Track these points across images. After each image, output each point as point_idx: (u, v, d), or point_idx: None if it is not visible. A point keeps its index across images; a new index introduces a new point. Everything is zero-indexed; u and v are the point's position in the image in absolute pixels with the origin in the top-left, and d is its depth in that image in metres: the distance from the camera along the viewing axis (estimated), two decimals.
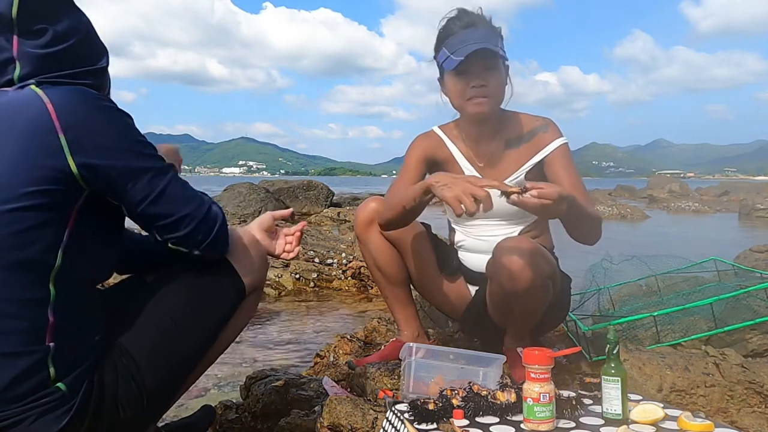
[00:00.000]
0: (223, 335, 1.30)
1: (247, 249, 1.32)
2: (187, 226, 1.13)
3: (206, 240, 1.17)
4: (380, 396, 1.57)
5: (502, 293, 1.64)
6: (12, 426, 0.96)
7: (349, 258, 4.36)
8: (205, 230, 1.16)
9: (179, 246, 1.16)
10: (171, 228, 1.13)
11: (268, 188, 10.14)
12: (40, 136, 0.97)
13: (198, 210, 1.15)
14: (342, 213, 8.97)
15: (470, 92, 1.75)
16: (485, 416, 1.23)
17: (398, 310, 1.99)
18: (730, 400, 1.60)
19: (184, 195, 1.14)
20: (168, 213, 1.11)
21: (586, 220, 1.65)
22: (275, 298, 3.83)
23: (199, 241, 1.16)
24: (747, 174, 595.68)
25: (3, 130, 0.99)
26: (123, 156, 1.04)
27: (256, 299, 1.40)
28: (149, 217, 1.11)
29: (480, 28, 1.74)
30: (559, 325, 2.22)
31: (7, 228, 0.95)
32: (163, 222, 1.12)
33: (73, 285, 1.03)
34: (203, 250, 1.17)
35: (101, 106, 1.04)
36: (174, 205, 1.12)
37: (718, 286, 2.58)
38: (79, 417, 1.00)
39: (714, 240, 7.63)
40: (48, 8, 1.06)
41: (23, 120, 0.98)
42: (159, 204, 1.10)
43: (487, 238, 1.90)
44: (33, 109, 0.99)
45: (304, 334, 2.92)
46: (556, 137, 1.84)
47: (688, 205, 14.62)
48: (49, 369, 0.98)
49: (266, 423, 1.70)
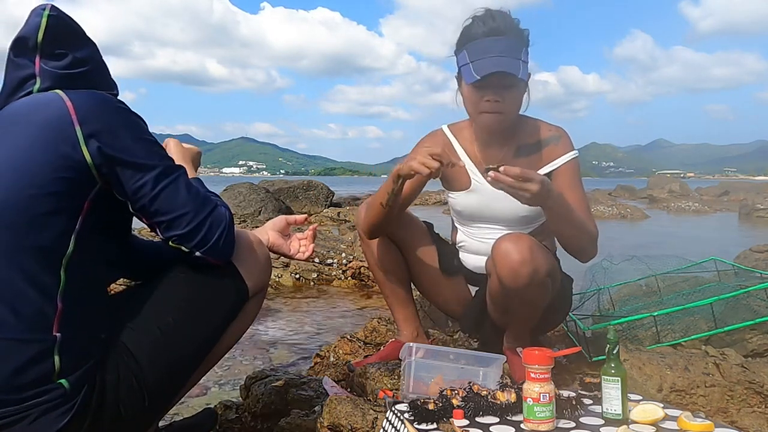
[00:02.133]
0: (225, 337, 1.30)
1: (252, 251, 1.31)
2: (187, 224, 1.13)
3: (207, 241, 1.16)
4: (380, 396, 1.57)
5: (502, 289, 1.64)
6: (13, 424, 0.96)
7: (349, 258, 4.36)
8: (206, 231, 1.15)
9: (179, 245, 1.16)
10: (170, 225, 1.13)
11: (268, 188, 10.14)
12: (58, 126, 1.04)
13: (200, 209, 1.15)
14: (342, 213, 8.97)
15: (484, 106, 1.71)
16: (485, 416, 1.23)
17: (398, 309, 1.99)
18: (730, 400, 1.60)
19: (187, 194, 1.14)
20: (167, 210, 1.12)
21: (575, 226, 1.64)
22: (275, 297, 3.84)
23: (199, 241, 1.15)
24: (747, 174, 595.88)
25: (23, 121, 1.06)
26: (132, 152, 1.09)
27: (258, 302, 1.39)
28: (151, 214, 1.12)
29: (503, 39, 1.67)
30: (559, 324, 2.22)
31: (25, 212, 1.00)
32: (162, 218, 1.13)
33: (84, 275, 1.05)
34: (204, 252, 1.17)
35: (117, 108, 1.12)
36: (175, 202, 1.13)
37: (718, 286, 2.57)
38: (80, 416, 1.01)
39: (714, 240, 7.63)
40: (70, 37, 1.17)
41: (43, 113, 1.06)
42: (159, 200, 1.11)
43: (488, 241, 1.90)
44: (53, 105, 1.06)
45: (304, 334, 2.92)
46: (567, 150, 1.82)
47: (688, 205, 14.61)
48: (54, 360, 0.99)
49: (266, 423, 1.70)
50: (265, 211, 8.63)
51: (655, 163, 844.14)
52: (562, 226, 1.66)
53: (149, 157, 1.11)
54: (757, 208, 11.96)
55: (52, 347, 0.99)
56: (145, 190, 1.10)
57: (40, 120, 1.05)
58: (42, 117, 1.05)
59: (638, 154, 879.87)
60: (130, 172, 1.08)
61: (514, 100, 1.74)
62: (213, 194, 1.25)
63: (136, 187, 1.09)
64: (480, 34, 1.69)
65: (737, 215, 12.45)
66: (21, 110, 1.09)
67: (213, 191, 1.26)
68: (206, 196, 1.20)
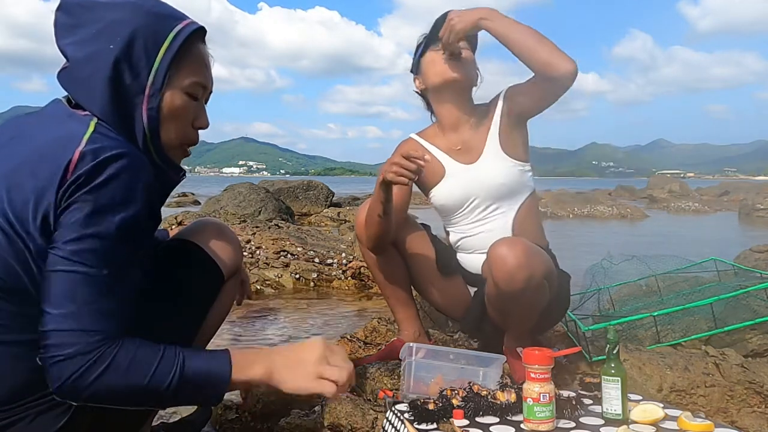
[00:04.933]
0: (208, 319, 1.31)
1: (219, 234, 1.32)
2: (42, 325, 0.88)
3: (44, 360, 0.88)
4: (380, 396, 1.57)
5: (499, 294, 1.64)
6: (9, 426, 0.95)
7: (349, 258, 4.36)
8: (51, 350, 0.87)
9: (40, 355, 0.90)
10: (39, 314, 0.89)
11: (268, 188, 10.14)
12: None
13: (66, 321, 0.87)
14: (342, 213, 8.98)
15: (445, 59, 1.86)
16: (485, 416, 1.23)
17: (399, 310, 1.99)
18: (730, 400, 1.60)
19: (71, 296, 0.88)
20: (43, 296, 0.89)
21: (529, 34, 1.73)
22: (275, 297, 3.84)
23: (42, 350, 0.88)
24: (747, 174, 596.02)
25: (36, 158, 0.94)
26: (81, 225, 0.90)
27: (235, 282, 1.41)
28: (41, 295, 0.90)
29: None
30: (558, 322, 2.22)
31: None
32: (39, 303, 0.90)
33: None
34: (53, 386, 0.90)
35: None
36: (51, 294, 0.88)
37: (718, 286, 2.58)
38: (80, 413, 1.00)
39: (714, 240, 7.63)
40: None
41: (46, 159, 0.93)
42: (45, 281, 0.89)
43: (480, 232, 1.90)
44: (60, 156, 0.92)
45: (304, 334, 2.92)
46: (499, 93, 1.95)
47: (688, 205, 14.62)
48: None
49: (266, 423, 1.70)
50: (265, 211, 8.63)
51: (655, 163, 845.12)
52: (518, 38, 1.74)
53: (81, 236, 0.89)
54: (757, 208, 11.96)
55: None
56: (48, 263, 0.90)
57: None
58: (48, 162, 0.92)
59: (638, 154, 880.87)
60: (58, 233, 0.90)
61: (472, 60, 1.92)
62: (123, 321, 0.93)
63: (50, 254, 0.90)
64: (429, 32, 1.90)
65: (737, 215, 12.45)
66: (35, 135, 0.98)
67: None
68: (104, 317, 0.90)
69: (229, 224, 3.41)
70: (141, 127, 1.05)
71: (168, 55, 1.05)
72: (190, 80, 1.09)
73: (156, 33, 1.04)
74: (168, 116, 1.08)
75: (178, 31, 1.06)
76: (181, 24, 1.07)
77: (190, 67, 1.09)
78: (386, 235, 1.83)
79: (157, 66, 1.04)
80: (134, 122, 1.05)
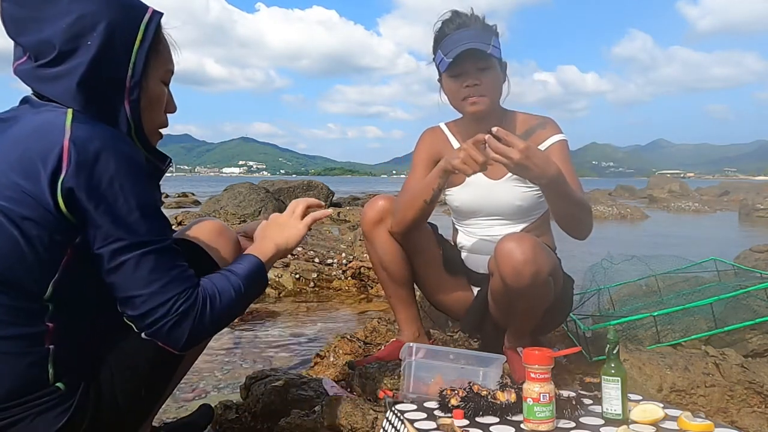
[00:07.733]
0: None
1: (218, 235, 1.30)
2: (137, 308, 0.99)
3: (157, 332, 1.01)
4: (380, 396, 1.57)
5: (504, 288, 1.64)
6: (11, 426, 0.96)
7: (349, 258, 4.36)
8: (156, 318, 1.00)
9: (130, 323, 1.03)
10: (122, 303, 1.01)
11: (268, 188, 10.15)
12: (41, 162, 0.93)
13: (157, 294, 0.99)
14: (342, 213, 8.98)
15: (464, 92, 1.78)
16: (485, 416, 1.23)
17: (400, 310, 1.99)
18: (730, 400, 1.60)
19: (148, 274, 0.99)
20: (121, 288, 0.99)
21: (572, 202, 1.63)
22: (275, 298, 3.84)
23: (148, 327, 1.01)
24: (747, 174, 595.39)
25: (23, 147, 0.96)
26: (109, 212, 0.96)
27: None
28: (108, 286, 1.00)
29: (472, 29, 1.77)
30: (560, 325, 2.22)
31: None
32: (116, 294, 1.00)
33: (73, 295, 1.02)
34: (151, 337, 1.03)
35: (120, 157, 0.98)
36: (129, 282, 0.98)
37: (718, 286, 2.58)
38: (79, 414, 1.00)
39: (714, 240, 7.63)
40: None
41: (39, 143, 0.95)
42: (114, 275, 0.98)
43: (488, 238, 1.91)
44: (49, 145, 0.94)
45: (304, 334, 2.92)
46: (554, 133, 1.85)
47: (688, 205, 14.61)
48: (48, 370, 0.98)
49: (266, 423, 1.70)
50: (265, 211, 8.63)
51: (655, 163, 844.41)
52: (562, 206, 1.65)
53: (119, 225, 0.96)
54: (757, 208, 11.96)
55: (46, 357, 0.98)
56: (102, 262, 0.98)
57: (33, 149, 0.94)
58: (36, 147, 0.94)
59: (638, 154, 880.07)
60: (94, 234, 0.96)
61: (492, 82, 1.79)
62: (189, 277, 1.06)
63: (96, 255, 0.98)
64: (450, 30, 1.79)
65: (737, 215, 12.45)
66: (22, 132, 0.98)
67: (232, 271, 1.15)
68: (180, 277, 1.03)
69: (229, 224, 3.42)
70: (124, 119, 1.06)
71: (144, 45, 1.05)
72: (165, 68, 1.13)
73: (128, 24, 1.04)
74: (148, 106, 1.10)
75: (148, 21, 1.07)
76: (148, 13, 1.08)
77: (162, 56, 1.11)
78: (421, 222, 1.84)
79: (134, 58, 1.05)
80: (117, 115, 1.05)
